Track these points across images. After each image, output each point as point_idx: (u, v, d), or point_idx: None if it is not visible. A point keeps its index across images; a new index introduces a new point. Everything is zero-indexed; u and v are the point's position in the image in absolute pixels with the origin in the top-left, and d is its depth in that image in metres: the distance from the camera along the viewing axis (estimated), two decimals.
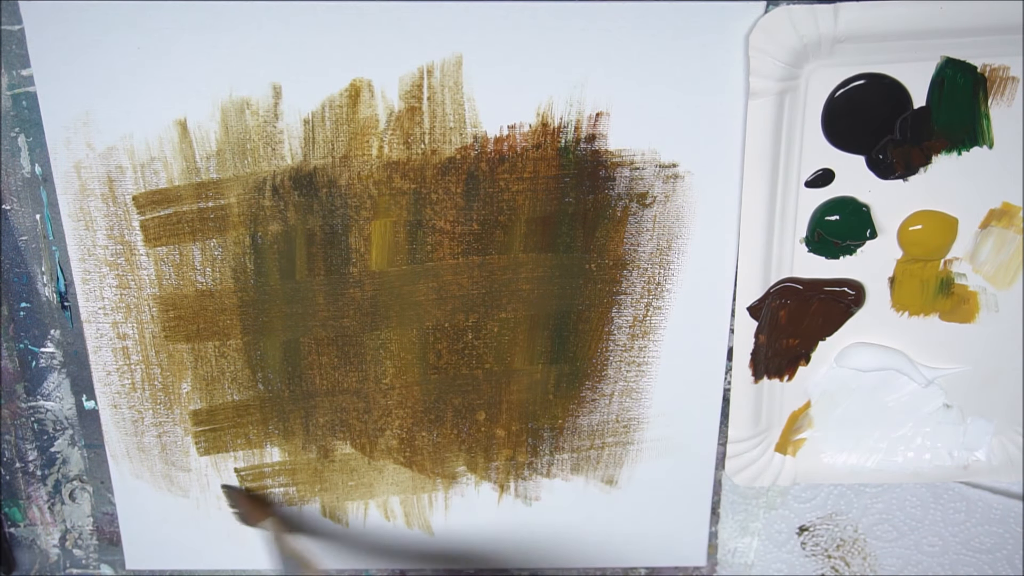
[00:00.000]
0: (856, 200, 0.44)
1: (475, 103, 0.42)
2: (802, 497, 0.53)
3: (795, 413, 0.50)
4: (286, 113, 0.43)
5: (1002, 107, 0.42)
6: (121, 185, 0.44)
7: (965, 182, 0.44)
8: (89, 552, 0.55)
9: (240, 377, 0.49)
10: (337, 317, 0.47)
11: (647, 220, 0.45)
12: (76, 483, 0.52)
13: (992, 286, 0.46)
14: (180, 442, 0.50)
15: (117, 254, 0.46)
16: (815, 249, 0.45)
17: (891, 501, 0.52)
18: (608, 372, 0.49)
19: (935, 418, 0.49)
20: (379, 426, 0.50)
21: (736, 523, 0.53)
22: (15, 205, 0.45)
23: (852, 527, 0.53)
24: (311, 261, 0.46)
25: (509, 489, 0.52)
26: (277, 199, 0.45)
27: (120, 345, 0.48)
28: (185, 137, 0.43)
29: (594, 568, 0.55)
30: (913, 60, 0.41)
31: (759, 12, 0.40)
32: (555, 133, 0.43)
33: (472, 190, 0.44)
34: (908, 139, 0.42)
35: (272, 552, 0.49)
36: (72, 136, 0.43)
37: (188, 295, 0.47)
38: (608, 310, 0.47)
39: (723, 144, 0.43)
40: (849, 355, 0.48)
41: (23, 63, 0.42)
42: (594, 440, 0.50)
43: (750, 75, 0.41)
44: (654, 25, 0.41)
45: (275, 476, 0.51)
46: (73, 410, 0.50)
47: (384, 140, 0.43)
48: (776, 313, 0.46)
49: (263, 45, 0.41)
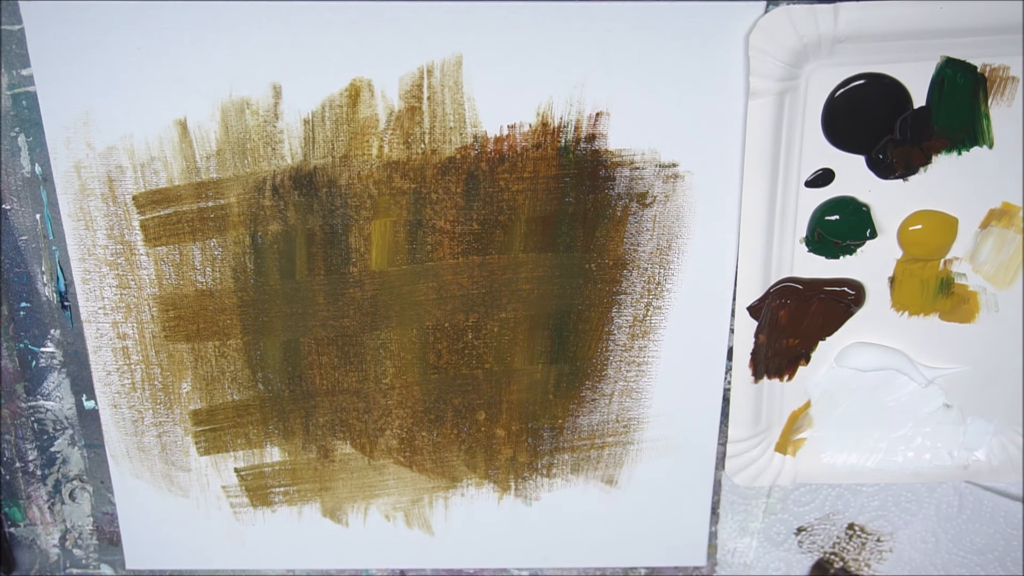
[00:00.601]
0: (856, 200, 0.44)
1: (475, 103, 0.42)
2: (801, 501, 0.53)
3: (795, 413, 0.50)
4: (286, 113, 0.43)
5: (1002, 107, 0.42)
6: (121, 185, 0.44)
7: (965, 182, 0.44)
8: (89, 552, 0.55)
9: (240, 377, 0.49)
10: (337, 317, 0.47)
11: (647, 220, 0.45)
12: (76, 483, 0.52)
13: (992, 286, 0.46)
14: (180, 442, 0.50)
15: (117, 254, 0.46)
16: (815, 249, 0.45)
17: (887, 499, 0.52)
18: (608, 372, 0.49)
19: (935, 418, 0.49)
20: (379, 426, 0.50)
21: (735, 523, 0.53)
22: (15, 205, 0.45)
23: (848, 526, 0.53)
24: (311, 261, 0.46)
25: (509, 489, 0.52)
26: (277, 199, 0.45)
27: (120, 345, 0.48)
28: (185, 137, 0.43)
29: (594, 568, 0.55)
30: (913, 60, 0.41)
31: (759, 12, 0.40)
32: (555, 133, 0.43)
33: (472, 190, 0.44)
34: (908, 139, 0.42)
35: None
36: (72, 136, 0.43)
37: (188, 295, 0.47)
38: (608, 310, 0.47)
39: (723, 144, 0.43)
40: (849, 355, 0.48)
41: (23, 63, 0.42)
42: (594, 440, 0.50)
43: (750, 75, 0.41)
44: (654, 25, 0.41)
45: (275, 476, 0.51)
46: (73, 410, 0.50)
47: (384, 140, 0.43)
48: (776, 313, 0.46)
49: (263, 45, 0.41)
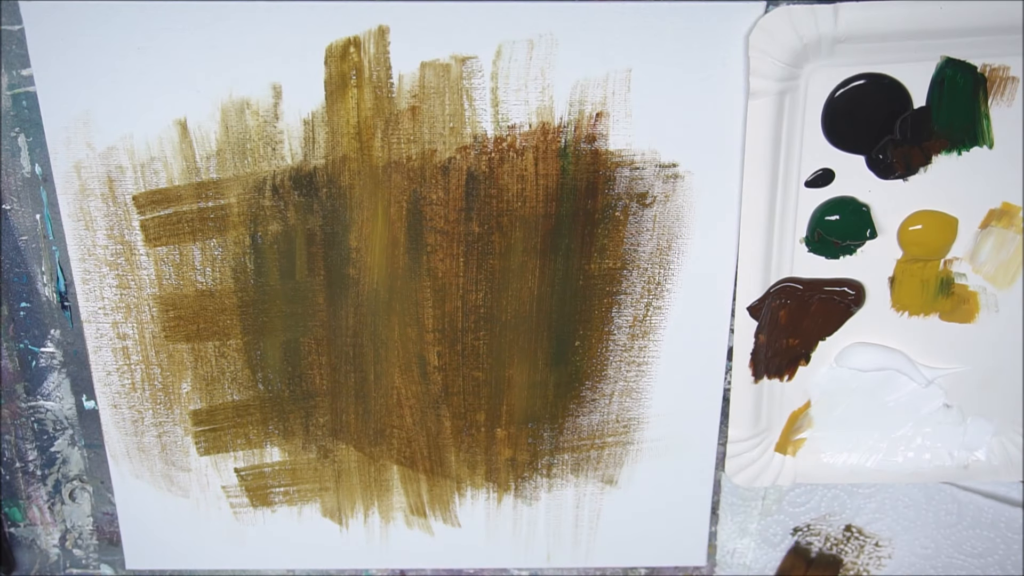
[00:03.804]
0: (856, 200, 0.44)
1: (475, 103, 0.42)
2: (797, 501, 0.53)
3: (795, 413, 0.50)
4: (286, 113, 0.43)
5: (1002, 107, 0.42)
6: (121, 185, 0.44)
7: (965, 182, 0.44)
8: (89, 552, 0.55)
9: (240, 377, 0.49)
10: (337, 317, 0.47)
11: (647, 220, 0.45)
12: (76, 483, 0.52)
13: (992, 286, 0.46)
14: (180, 442, 0.50)
15: (117, 254, 0.46)
16: (815, 249, 0.45)
17: (884, 501, 0.52)
18: (608, 372, 0.49)
19: (935, 418, 0.49)
20: (379, 426, 0.50)
21: (735, 524, 0.53)
22: (15, 205, 0.45)
23: (845, 527, 0.53)
24: (311, 261, 0.46)
25: (509, 489, 0.52)
26: (277, 199, 0.45)
27: (120, 345, 0.48)
28: (185, 137, 0.43)
29: (594, 568, 0.55)
30: (913, 60, 0.41)
31: (759, 12, 0.40)
32: (555, 133, 0.43)
33: (472, 190, 0.44)
34: (908, 139, 0.42)
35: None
36: (72, 136, 0.43)
37: (188, 295, 0.47)
38: (608, 310, 0.47)
39: (723, 144, 0.43)
40: (849, 355, 0.48)
41: (23, 63, 0.42)
42: (594, 440, 0.50)
43: (750, 75, 0.41)
44: (654, 25, 0.41)
45: (275, 476, 0.51)
46: (73, 410, 0.50)
47: (384, 140, 0.43)
48: (776, 313, 0.46)
49: (263, 45, 0.41)
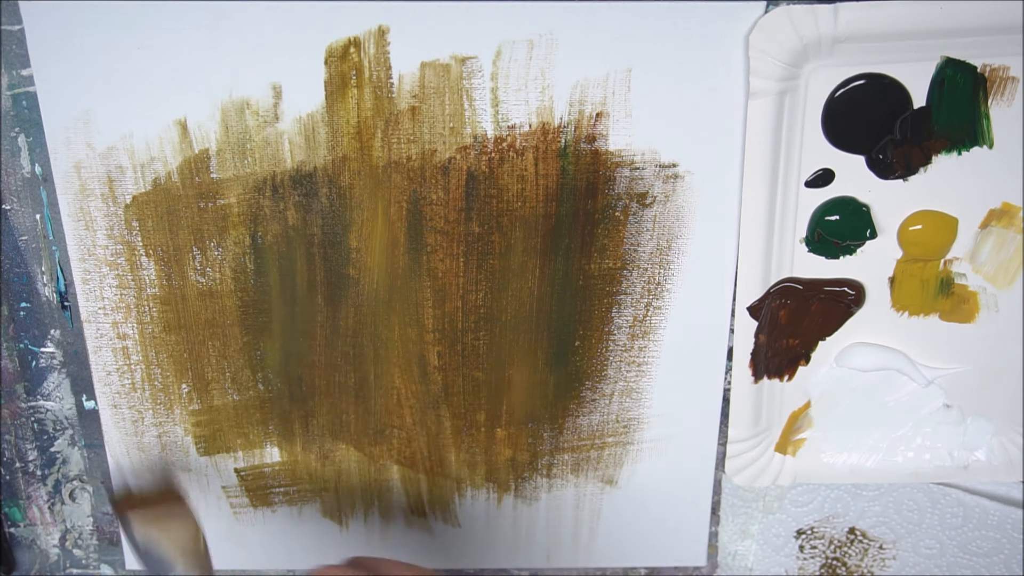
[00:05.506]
0: (856, 200, 0.44)
1: (475, 103, 0.42)
2: (799, 501, 0.53)
3: (795, 413, 0.50)
4: (286, 113, 0.43)
5: (1002, 107, 0.42)
6: (121, 185, 0.44)
7: (965, 182, 0.44)
8: (89, 552, 0.55)
9: (240, 377, 0.49)
10: (337, 317, 0.47)
11: (647, 220, 0.45)
12: (76, 483, 0.52)
13: (992, 286, 0.46)
14: (180, 442, 0.50)
15: (117, 254, 0.46)
16: (815, 249, 0.45)
17: (888, 504, 0.52)
18: (608, 372, 0.49)
19: (935, 418, 0.49)
20: (379, 426, 0.50)
21: (736, 526, 0.53)
22: (15, 205, 0.45)
23: (849, 529, 0.53)
24: (311, 261, 0.46)
25: (509, 489, 0.52)
26: (277, 199, 0.45)
27: (120, 345, 0.48)
28: (185, 137, 0.43)
29: (594, 568, 0.55)
30: (913, 60, 0.41)
31: (759, 12, 0.40)
32: (555, 133, 0.43)
33: (472, 190, 0.44)
34: (908, 139, 0.42)
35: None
36: (72, 136, 0.43)
37: (188, 295, 0.47)
38: (608, 310, 0.47)
39: (723, 144, 0.43)
40: (849, 355, 0.48)
41: (23, 63, 0.42)
42: (594, 440, 0.50)
43: (750, 75, 0.41)
44: (654, 25, 0.41)
45: (275, 476, 0.51)
46: (73, 410, 0.50)
47: (384, 140, 0.43)
48: (776, 313, 0.46)
49: (263, 45, 0.41)
